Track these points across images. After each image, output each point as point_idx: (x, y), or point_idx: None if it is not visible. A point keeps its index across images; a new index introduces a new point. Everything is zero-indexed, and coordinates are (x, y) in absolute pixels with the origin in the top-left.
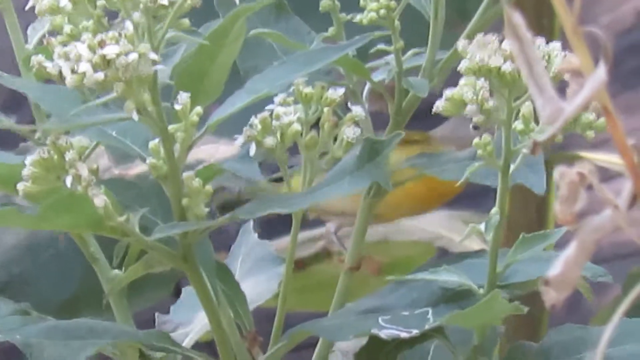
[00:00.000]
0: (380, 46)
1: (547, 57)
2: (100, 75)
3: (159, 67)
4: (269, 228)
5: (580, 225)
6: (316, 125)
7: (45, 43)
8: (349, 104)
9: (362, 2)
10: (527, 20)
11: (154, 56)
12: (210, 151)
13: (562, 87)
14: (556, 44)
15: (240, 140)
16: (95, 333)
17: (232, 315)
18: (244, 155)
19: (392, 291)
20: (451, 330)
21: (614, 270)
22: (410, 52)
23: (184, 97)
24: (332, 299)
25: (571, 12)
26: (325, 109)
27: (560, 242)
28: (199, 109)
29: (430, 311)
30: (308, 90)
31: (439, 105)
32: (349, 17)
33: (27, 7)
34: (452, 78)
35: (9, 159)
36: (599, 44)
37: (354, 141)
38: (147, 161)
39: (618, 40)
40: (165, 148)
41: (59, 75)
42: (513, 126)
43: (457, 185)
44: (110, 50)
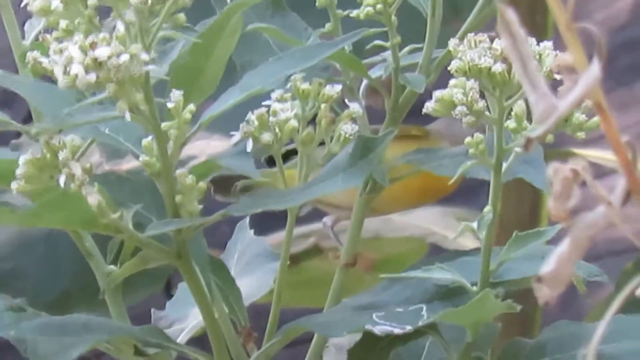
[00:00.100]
0: (377, 42)
1: (538, 56)
2: (92, 77)
3: (150, 68)
4: (262, 223)
5: (573, 222)
6: (313, 122)
7: (40, 39)
8: (346, 100)
9: None
10: (521, 17)
11: (145, 57)
12: (202, 147)
13: (554, 86)
14: (548, 43)
15: (237, 137)
16: (90, 329)
17: (227, 310)
18: (240, 152)
19: (386, 288)
20: (445, 327)
21: (607, 267)
22: (407, 48)
23: (176, 94)
24: (324, 295)
25: (565, 8)
26: (323, 105)
27: (554, 239)
28: (191, 107)
29: (424, 308)
30: (305, 86)
31: (429, 106)
32: (345, 12)
33: (21, 5)
34: (443, 77)
35: (3, 155)
36: (593, 40)
37: (351, 137)
38: (140, 158)
39: (612, 37)
40: (159, 145)
41: (54, 71)
42: (505, 125)
43: (451, 181)
44: (102, 53)
